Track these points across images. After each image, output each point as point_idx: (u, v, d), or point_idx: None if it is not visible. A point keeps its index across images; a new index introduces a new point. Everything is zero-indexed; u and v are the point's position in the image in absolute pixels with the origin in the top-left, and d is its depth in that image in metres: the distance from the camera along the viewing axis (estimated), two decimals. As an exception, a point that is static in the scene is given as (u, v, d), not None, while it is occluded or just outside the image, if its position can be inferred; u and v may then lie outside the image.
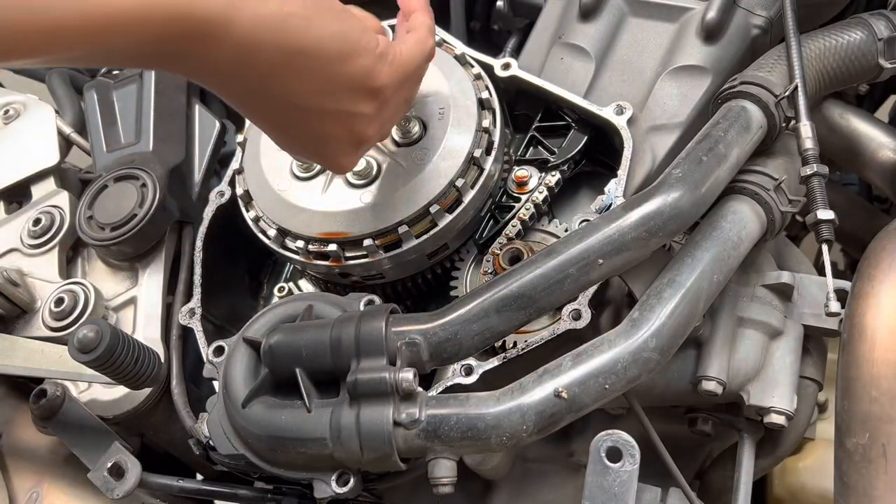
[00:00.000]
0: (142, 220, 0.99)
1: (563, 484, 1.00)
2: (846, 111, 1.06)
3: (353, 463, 0.73)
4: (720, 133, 0.80)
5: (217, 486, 0.95)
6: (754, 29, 0.97)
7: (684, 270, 0.76)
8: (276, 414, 0.75)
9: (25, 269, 1.05)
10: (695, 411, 0.96)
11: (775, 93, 0.84)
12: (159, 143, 1.07)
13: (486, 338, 0.73)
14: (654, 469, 0.83)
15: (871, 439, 0.73)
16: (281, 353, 0.75)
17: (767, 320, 0.88)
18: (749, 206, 0.83)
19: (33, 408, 0.91)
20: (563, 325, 0.80)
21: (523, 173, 0.94)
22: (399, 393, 0.70)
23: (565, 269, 0.73)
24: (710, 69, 0.95)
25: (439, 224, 0.85)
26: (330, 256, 0.86)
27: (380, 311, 0.74)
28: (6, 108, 1.19)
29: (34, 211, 1.09)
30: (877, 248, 0.82)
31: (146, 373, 0.82)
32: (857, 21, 0.91)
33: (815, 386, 0.93)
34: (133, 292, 1.03)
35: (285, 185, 0.89)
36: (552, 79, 0.96)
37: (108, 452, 0.86)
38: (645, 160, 0.90)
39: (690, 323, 0.75)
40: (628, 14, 1.01)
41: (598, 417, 0.99)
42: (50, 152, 1.14)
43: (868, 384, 0.75)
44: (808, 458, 1.29)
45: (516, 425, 0.69)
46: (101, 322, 0.76)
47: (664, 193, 0.74)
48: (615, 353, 0.70)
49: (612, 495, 0.68)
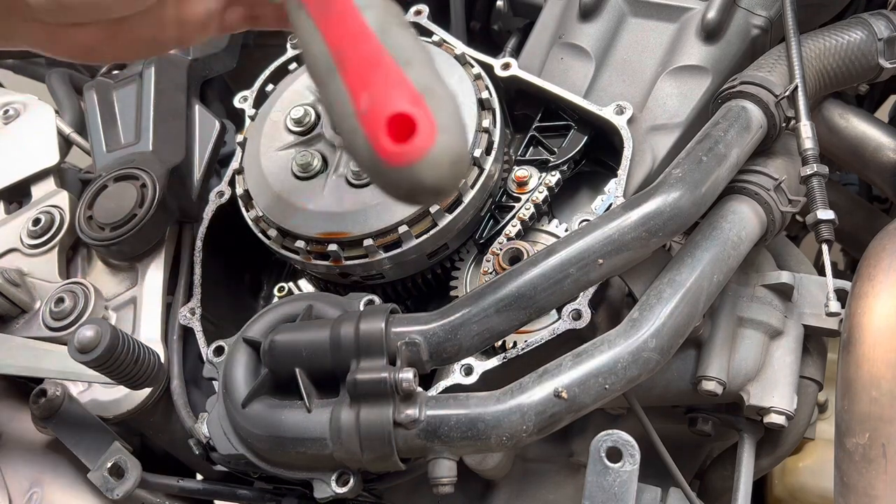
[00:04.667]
0: (142, 220, 0.99)
1: (563, 484, 1.00)
2: (846, 111, 1.06)
3: (353, 463, 0.73)
4: (720, 133, 0.80)
5: (217, 486, 0.96)
6: (754, 29, 0.97)
7: (684, 270, 0.76)
8: (276, 414, 0.75)
9: (25, 269, 1.04)
10: (695, 411, 0.96)
11: (775, 93, 0.84)
12: (159, 142, 1.07)
13: (486, 338, 0.73)
14: (654, 469, 0.83)
15: (871, 439, 0.73)
16: (281, 353, 0.75)
17: (767, 320, 0.88)
18: (749, 206, 0.83)
19: (33, 408, 0.91)
20: (563, 325, 0.80)
21: (523, 173, 0.94)
22: (399, 393, 0.70)
23: (565, 269, 0.73)
24: (710, 69, 0.95)
25: (439, 224, 0.85)
26: (330, 256, 0.86)
27: (380, 311, 0.74)
28: (6, 108, 1.19)
29: (34, 211, 1.09)
30: (877, 248, 0.82)
31: (146, 373, 0.82)
32: (857, 21, 0.91)
33: (815, 386, 0.93)
34: (133, 292, 1.03)
35: (285, 185, 0.89)
36: (552, 79, 0.96)
37: (108, 452, 0.86)
38: (645, 160, 0.90)
39: (690, 323, 0.75)
40: (628, 14, 1.01)
41: (598, 417, 0.99)
42: (50, 152, 1.14)
43: (868, 384, 0.75)
44: (808, 458, 1.29)
45: (516, 425, 0.69)
46: (101, 322, 0.76)
47: (664, 193, 0.74)
48: (615, 353, 0.70)
49: (612, 495, 0.68)
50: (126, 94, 1.13)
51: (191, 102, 1.14)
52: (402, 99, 0.53)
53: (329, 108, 0.58)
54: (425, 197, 0.55)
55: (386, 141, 0.52)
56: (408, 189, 0.54)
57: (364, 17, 0.58)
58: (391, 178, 0.53)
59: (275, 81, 1.02)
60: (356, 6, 0.58)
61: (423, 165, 0.52)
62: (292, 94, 0.97)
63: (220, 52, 1.23)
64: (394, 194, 0.56)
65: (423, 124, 0.52)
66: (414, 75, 0.54)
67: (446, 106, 0.54)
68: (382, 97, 0.53)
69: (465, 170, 0.54)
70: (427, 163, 0.52)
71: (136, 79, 1.14)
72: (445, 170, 0.52)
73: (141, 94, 1.12)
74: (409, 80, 0.54)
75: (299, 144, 0.92)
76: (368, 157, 0.53)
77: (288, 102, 0.95)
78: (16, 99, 1.21)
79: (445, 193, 0.55)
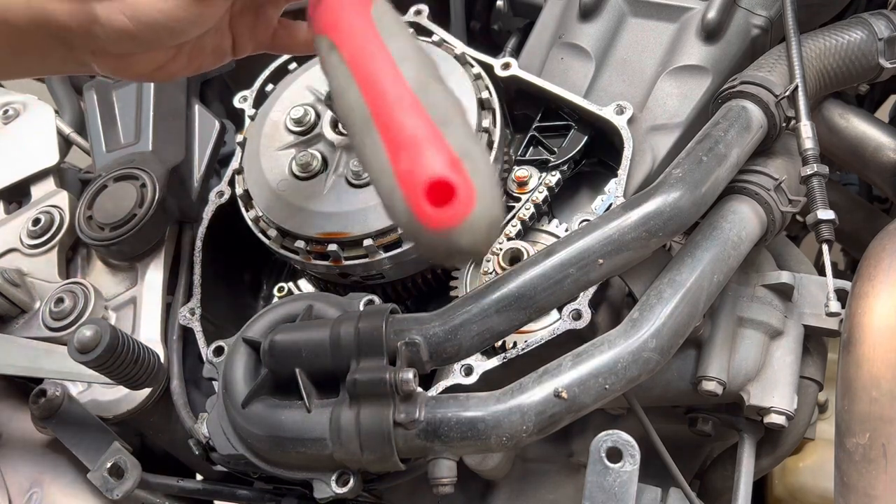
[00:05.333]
0: (141, 220, 0.99)
1: (563, 484, 1.00)
2: (846, 111, 1.06)
3: (353, 463, 0.73)
4: (720, 133, 0.80)
5: (217, 486, 0.96)
6: (754, 29, 0.97)
7: (684, 270, 0.76)
8: (275, 414, 0.75)
9: (25, 269, 1.05)
10: (695, 411, 0.96)
11: (775, 93, 0.84)
12: (159, 143, 1.07)
13: (486, 338, 0.73)
14: (654, 469, 0.83)
15: (871, 439, 0.73)
16: (281, 353, 0.75)
17: (767, 320, 0.88)
18: (749, 206, 0.83)
19: (33, 408, 0.91)
20: (563, 325, 0.80)
21: (523, 173, 0.94)
22: (399, 393, 0.70)
23: (565, 269, 0.72)
24: (710, 69, 0.95)
25: (439, 224, 0.85)
26: (330, 256, 0.86)
27: (380, 311, 0.74)
28: (6, 108, 1.19)
29: (34, 211, 1.09)
30: (877, 248, 0.82)
31: (146, 373, 0.82)
32: (857, 21, 0.91)
33: (815, 386, 0.93)
34: (133, 292, 1.03)
35: (285, 185, 0.89)
36: (552, 79, 0.96)
37: (108, 452, 0.86)
38: (645, 160, 0.90)
39: (690, 323, 0.75)
40: (628, 14, 1.01)
41: (598, 417, 0.99)
42: (49, 152, 1.14)
43: (868, 384, 0.75)
44: (808, 458, 1.29)
45: (516, 425, 0.69)
46: (100, 322, 0.76)
47: (664, 193, 0.74)
48: (615, 353, 0.70)
49: (612, 495, 0.68)
50: (126, 94, 1.13)
51: (191, 102, 1.14)
52: (441, 163, 0.53)
53: (364, 159, 0.58)
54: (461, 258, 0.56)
55: (425, 205, 0.52)
56: (445, 252, 0.54)
57: (401, 70, 0.58)
58: (430, 242, 0.54)
59: (275, 81, 1.02)
60: (393, 58, 0.58)
61: (461, 231, 0.52)
62: (292, 94, 0.96)
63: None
64: (430, 255, 0.57)
65: (461, 190, 0.53)
66: (451, 137, 0.55)
67: (483, 170, 0.55)
68: (422, 160, 0.54)
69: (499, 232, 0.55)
70: (465, 228, 0.52)
71: (136, 79, 1.14)
72: (482, 234, 0.53)
73: (141, 94, 1.12)
74: (447, 142, 0.54)
75: (299, 144, 0.92)
76: (407, 219, 0.54)
77: (288, 102, 0.95)
78: (16, 99, 1.21)
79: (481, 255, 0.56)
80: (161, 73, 0.70)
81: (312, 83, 0.96)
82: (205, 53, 0.73)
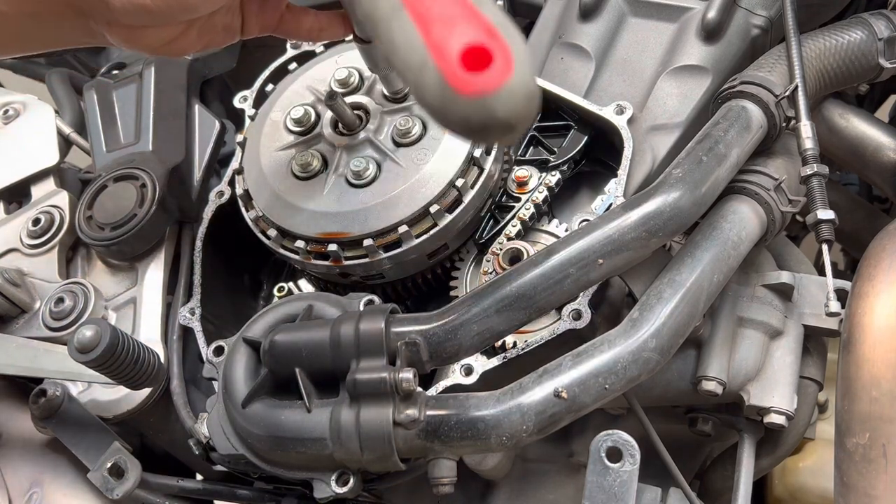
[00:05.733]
0: (142, 219, 0.99)
1: (563, 484, 1.00)
2: (846, 111, 1.06)
3: (353, 463, 0.73)
4: (720, 133, 0.80)
5: (217, 486, 0.96)
6: (754, 29, 0.97)
7: (684, 270, 0.76)
8: (276, 414, 0.75)
9: (25, 269, 1.05)
10: (695, 411, 0.96)
11: (775, 93, 0.84)
12: (159, 142, 1.07)
13: (486, 338, 0.73)
14: (654, 469, 0.84)
15: (871, 439, 0.73)
16: (281, 353, 0.75)
17: (767, 320, 0.88)
18: (749, 206, 0.83)
19: (33, 408, 0.91)
20: (563, 325, 0.80)
21: (523, 173, 0.94)
22: (399, 393, 0.70)
23: (565, 269, 0.73)
24: (710, 69, 0.95)
25: (439, 224, 0.85)
26: (330, 256, 0.86)
27: (380, 311, 0.74)
28: (6, 108, 1.19)
29: (34, 211, 1.09)
30: (877, 248, 0.82)
31: (146, 373, 0.82)
32: (857, 21, 0.91)
33: (815, 386, 0.93)
34: (133, 292, 1.03)
35: (285, 185, 0.89)
36: (552, 79, 0.96)
37: (108, 452, 0.86)
38: (645, 160, 0.90)
39: (690, 323, 0.75)
40: (628, 14, 1.01)
41: (598, 417, 0.99)
42: (50, 152, 1.14)
43: (868, 384, 0.75)
44: (808, 458, 1.29)
45: (516, 425, 0.69)
46: (100, 322, 0.76)
47: (664, 193, 0.74)
48: (615, 353, 0.70)
49: (612, 495, 0.68)
50: (126, 94, 1.13)
51: (191, 102, 1.14)
52: (477, 30, 0.50)
53: (391, 45, 0.54)
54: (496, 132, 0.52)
55: (460, 71, 0.49)
56: (480, 122, 0.50)
57: None
58: (463, 110, 0.50)
59: (275, 81, 1.02)
60: None
61: (498, 97, 0.49)
62: (292, 94, 0.96)
63: (220, 52, 1.23)
64: (463, 129, 0.52)
65: (499, 56, 0.49)
66: (486, 10, 0.52)
67: (520, 41, 0.51)
68: (457, 28, 0.51)
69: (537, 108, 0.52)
70: (503, 94, 0.49)
71: (136, 79, 1.14)
72: (521, 103, 0.50)
73: (141, 94, 1.12)
74: (482, 13, 0.51)
75: (299, 144, 0.92)
76: (438, 90, 0.50)
77: (288, 102, 0.95)
78: (16, 99, 1.21)
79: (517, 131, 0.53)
80: (171, 47, 0.71)
81: (312, 83, 0.96)
82: (215, 31, 0.74)
